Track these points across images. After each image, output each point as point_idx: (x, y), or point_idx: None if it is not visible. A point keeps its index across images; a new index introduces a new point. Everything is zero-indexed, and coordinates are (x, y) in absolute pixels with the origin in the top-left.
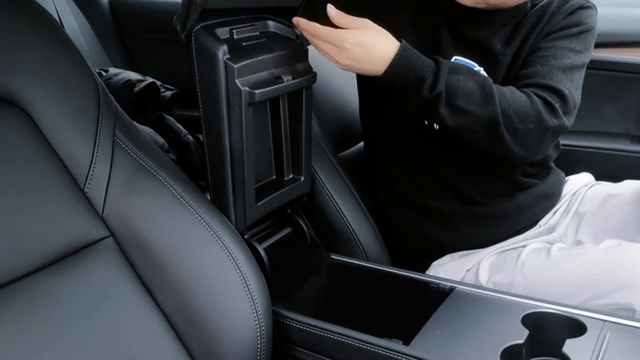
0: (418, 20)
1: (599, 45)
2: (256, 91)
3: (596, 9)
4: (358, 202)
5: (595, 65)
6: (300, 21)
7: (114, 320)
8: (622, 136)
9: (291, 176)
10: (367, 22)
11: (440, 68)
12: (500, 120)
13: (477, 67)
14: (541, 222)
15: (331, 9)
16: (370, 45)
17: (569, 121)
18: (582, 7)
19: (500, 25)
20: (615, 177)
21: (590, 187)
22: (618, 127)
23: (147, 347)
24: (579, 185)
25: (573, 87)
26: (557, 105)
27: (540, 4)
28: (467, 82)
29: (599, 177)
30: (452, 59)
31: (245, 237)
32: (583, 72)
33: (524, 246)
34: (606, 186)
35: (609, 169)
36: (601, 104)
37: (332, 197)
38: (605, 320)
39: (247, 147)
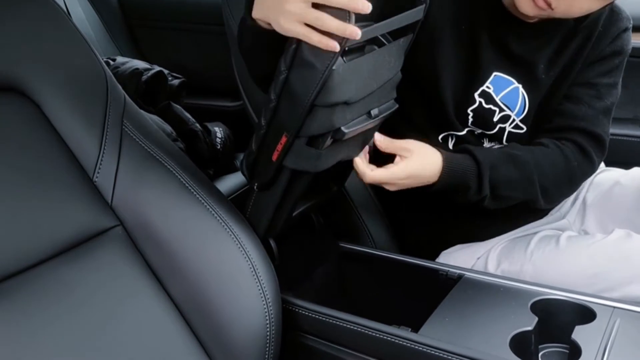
0: (457, 32)
1: None
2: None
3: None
4: (367, 191)
5: None
6: (357, 164)
7: (123, 307)
8: (631, 122)
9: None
10: (410, 146)
11: (482, 172)
12: (539, 196)
13: (515, 84)
14: (552, 211)
15: (377, 135)
16: (419, 174)
17: (599, 164)
18: (626, 29)
19: (546, 39)
20: (625, 163)
21: (598, 173)
22: (627, 113)
23: (156, 334)
24: None
25: (609, 127)
26: (594, 155)
27: (586, 23)
28: (509, 172)
29: (608, 163)
30: (492, 75)
31: None
32: None
33: (533, 234)
34: (614, 173)
35: (619, 155)
36: None
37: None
38: (614, 307)
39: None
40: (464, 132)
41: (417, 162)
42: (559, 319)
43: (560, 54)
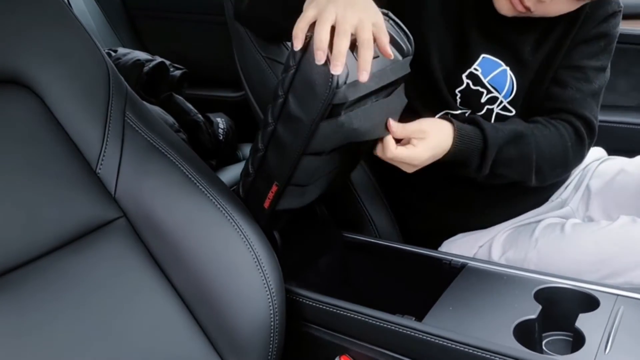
0: (446, 15)
1: None
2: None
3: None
4: (371, 180)
5: None
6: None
7: (127, 299)
8: (635, 109)
9: None
10: (424, 126)
11: (488, 153)
12: (532, 177)
13: (503, 67)
14: (553, 197)
15: (392, 123)
16: (436, 152)
17: (589, 148)
18: (614, 14)
19: (533, 23)
20: (629, 151)
21: (601, 162)
22: (631, 100)
23: (160, 325)
24: (590, 159)
25: (597, 111)
26: (585, 137)
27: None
28: (509, 153)
29: (611, 151)
30: (480, 58)
31: None
32: None
33: (538, 222)
34: (619, 161)
35: (622, 143)
36: (614, 76)
37: None
38: (618, 295)
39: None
40: (458, 112)
41: (435, 140)
42: (563, 307)
43: (547, 37)
